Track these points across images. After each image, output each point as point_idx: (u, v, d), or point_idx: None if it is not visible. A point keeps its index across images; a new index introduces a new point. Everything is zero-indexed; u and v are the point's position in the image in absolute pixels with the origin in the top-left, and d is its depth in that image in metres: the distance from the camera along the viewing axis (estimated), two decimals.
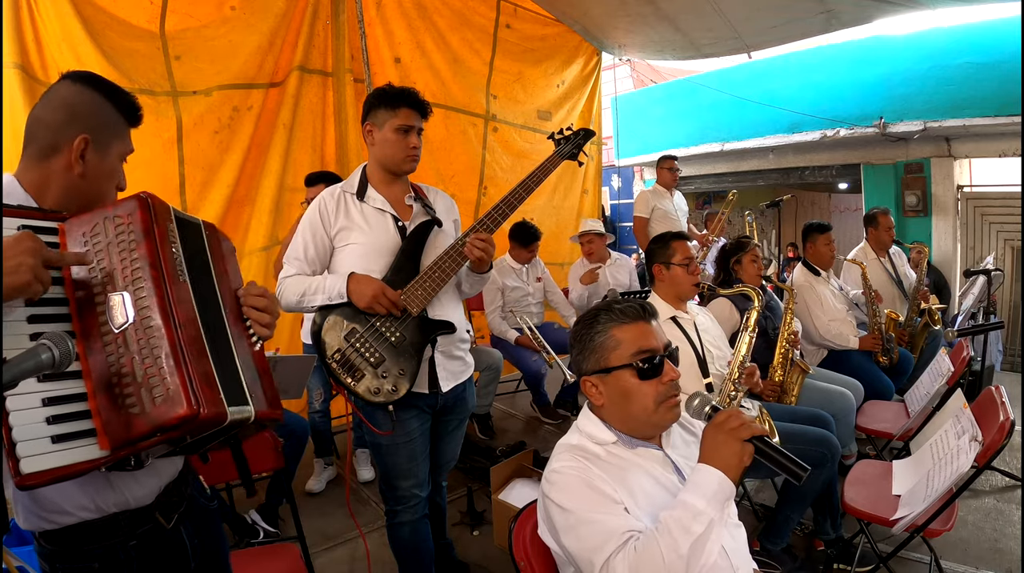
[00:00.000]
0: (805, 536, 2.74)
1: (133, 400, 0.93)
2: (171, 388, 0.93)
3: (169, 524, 1.19)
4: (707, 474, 1.20)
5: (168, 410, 0.92)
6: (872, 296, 3.85)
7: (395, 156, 2.01)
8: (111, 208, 1.04)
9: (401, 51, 4.38)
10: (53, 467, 0.87)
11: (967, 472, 1.92)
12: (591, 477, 1.27)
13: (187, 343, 0.98)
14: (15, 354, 0.80)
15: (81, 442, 0.91)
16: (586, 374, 1.41)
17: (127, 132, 1.20)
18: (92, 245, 1.02)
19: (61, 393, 0.92)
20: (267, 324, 1.23)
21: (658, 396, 1.34)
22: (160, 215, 1.05)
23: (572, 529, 1.23)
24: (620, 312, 1.39)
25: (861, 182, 7.32)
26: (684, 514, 1.16)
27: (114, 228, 1.02)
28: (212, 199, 3.52)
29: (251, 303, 1.22)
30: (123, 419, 0.92)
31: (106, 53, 3.09)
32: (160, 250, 1.02)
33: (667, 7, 4.77)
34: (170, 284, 1.01)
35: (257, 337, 1.22)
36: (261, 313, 1.22)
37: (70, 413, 0.92)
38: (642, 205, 5.24)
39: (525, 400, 4.69)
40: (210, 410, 0.95)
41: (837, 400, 3.00)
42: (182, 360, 0.95)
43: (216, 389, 0.99)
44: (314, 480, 3.39)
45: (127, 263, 1.00)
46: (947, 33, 6.18)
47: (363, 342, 1.91)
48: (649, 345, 1.36)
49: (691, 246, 2.68)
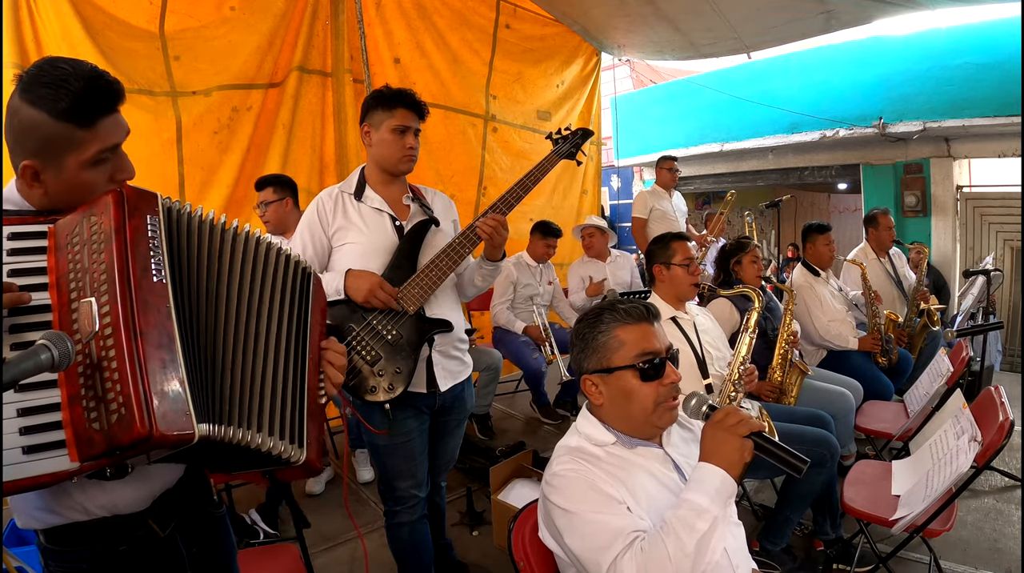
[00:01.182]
0: (805, 536, 2.74)
1: (95, 415, 0.88)
2: (123, 405, 0.86)
3: (164, 532, 1.15)
4: (709, 472, 1.21)
5: (121, 430, 0.86)
6: (871, 296, 3.85)
7: (392, 156, 2.01)
8: (90, 206, 0.98)
9: (400, 51, 4.38)
10: (22, 477, 0.85)
11: (966, 472, 1.92)
12: (592, 478, 1.27)
13: (147, 354, 0.90)
14: (14, 354, 0.79)
15: (51, 453, 0.87)
16: (587, 373, 1.41)
17: (87, 134, 1.01)
18: (72, 247, 0.97)
19: (36, 404, 0.89)
20: (337, 384, 1.25)
21: (658, 397, 1.34)
22: (138, 209, 0.98)
23: (576, 530, 1.23)
24: (624, 312, 1.40)
25: (860, 182, 7.33)
26: (689, 513, 1.17)
27: (88, 228, 0.96)
28: (211, 199, 3.52)
29: (331, 359, 1.25)
30: (87, 434, 0.88)
31: (105, 53, 3.08)
32: (129, 248, 0.94)
33: (667, 7, 4.77)
34: (135, 287, 0.92)
35: (324, 391, 1.22)
36: (335, 370, 1.25)
37: (43, 424, 0.88)
38: (640, 206, 5.25)
39: (524, 400, 4.69)
40: (166, 430, 0.87)
41: (836, 400, 3.00)
42: (138, 374, 0.87)
43: (182, 405, 0.91)
44: (313, 481, 3.39)
45: (97, 266, 0.94)
46: (947, 33, 6.19)
47: (359, 340, 1.91)
48: (652, 347, 1.36)
49: (690, 246, 2.68)
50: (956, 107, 6.08)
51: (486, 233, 1.97)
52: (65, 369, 0.84)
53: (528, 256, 4.41)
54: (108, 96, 1.03)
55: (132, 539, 1.11)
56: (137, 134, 1.25)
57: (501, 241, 2.02)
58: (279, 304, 1.18)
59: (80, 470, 0.89)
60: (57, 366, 0.81)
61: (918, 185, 6.77)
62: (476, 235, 1.99)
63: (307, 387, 1.16)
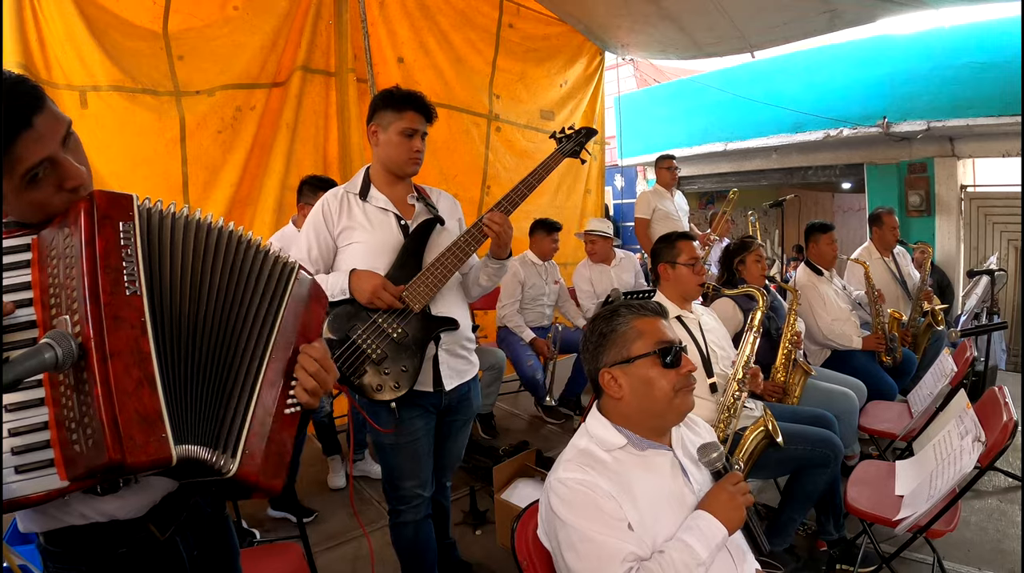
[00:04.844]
0: (808, 536, 2.73)
1: (76, 437, 0.86)
2: (96, 431, 0.84)
3: (164, 535, 1.13)
4: (715, 527, 1.29)
5: (95, 455, 0.84)
6: (875, 296, 3.84)
7: (398, 159, 2.02)
8: (63, 217, 0.94)
9: (404, 51, 4.38)
10: (15, 497, 0.84)
11: (970, 473, 1.92)
12: (596, 496, 1.27)
13: (119, 375, 0.86)
14: (18, 353, 0.79)
15: (42, 473, 0.86)
16: (606, 367, 1.42)
17: (16, 150, 0.89)
18: (51, 261, 0.92)
19: (25, 423, 0.86)
20: (312, 390, 1.11)
21: (677, 384, 1.37)
22: (110, 217, 0.93)
23: (574, 547, 1.26)
24: (640, 306, 1.45)
25: (865, 182, 7.31)
26: (689, 560, 1.23)
27: (63, 241, 0.92)
28: (215, 199, 3.53)
29: (304, 364, 1.12)
30: (70, 455, 0.86)
31: (109, 53, 3.10)
32: (99, 262, 0.89)
33: (670, 6, 4.76)
34: (106, 304, 0.88)
35: (296, 400, 1.10)
36: (308, 377, 1.11)
37: (32, 443, 0.86)
38: (643, 206, 5.25)
39: (528, 400, 4.68)
40: (138, 457, 0.84)
41: (840, 400, 2.99)
42: (110, 398, 0.84)
43: (158, 427, 0.88)
44: (333, 476, 3.41)
45: (70, 281, 0.89)
46: (951, 33, 6.16)
47: (365, 338, 1.90)
48: (668, 337, 1.40)
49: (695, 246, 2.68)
50: (960, 106, 6.05)
51: (494, 231, 1.97)
52: (67, 368, 0.84)
53: (533, 255, 4.41)
54: (18, 113, 0.89)
55: (132, 542, 1.10)
56: (141, 134, 1.25)
57: (508, 238, 2.02)
58: (257, 303, 1.11)
59: (69, 488, 0.87)
60: (60, 365, 0.80)
61: (922, 185, 6.75)
62: (482, 233, 1.99)
63: (257, 389, 1.05)
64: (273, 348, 1.09)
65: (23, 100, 0.91)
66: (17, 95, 0.91)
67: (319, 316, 1.23)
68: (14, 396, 0.87)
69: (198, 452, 0.93)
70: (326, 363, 1.14)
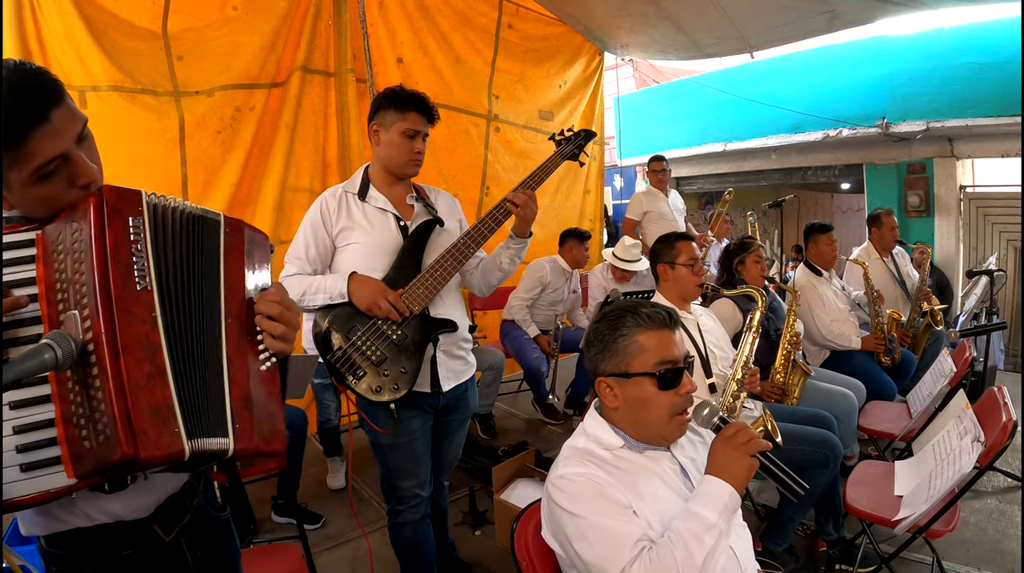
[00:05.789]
0: (807, 537, 2.74)
1: (86, 433, 0.85)
2: (108, 426, 0.83)
3: (168, 536, 1.13)
4: (719, 487, 1.23)
5: (107, 451, 0.83)
6: (874, 296, 3.85)
7: (399, 160, 2.02)
8: (71, 212, 0.93)
9: (403, 51, 4.38)
10: (21, 496, 0.83)
11: (969, 473, 1.92)
12: (600, 484, 1.27)
13: (131, 370, 0.85)
14: (18, 353, 0.79)
15: (49, 470, 0.85)
16: (603, 375, 1.39)
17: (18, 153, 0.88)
18: (57, 256, 0.91)
19: (31, 420, 0.86)
20: (281, 335, 1.06)
21: (673, 408, 1.33)
22: (119, 211, 0.92)
23: (584, 536, 1.23)
24: (647, 317, 1.37)
25: (864, 182, 7.32)
26: (698, 526, 1.19)
27: (70, 235, 0.91)
28: (214, 199, 3.53)
29: (263, 310, 1.06)
30: (78, 452, 0.85)
31: (108, 53, 3.10)
32: (109, 256, 0.88)
33: (670, 7, 4.76)
34: (117, 298, 0.87)
35: (269, 352, 1.06)
36: (274, 323, 1.06)
37: (39, 441, 0.86)
38: (635, 208, 5.28)
39: (527, 400, 4.68)
40: (152, 451, 0.83)
41: (839, 401, 2.99)
42: (122, 392, 0.83)
43: (170, 422, 0.87)
44: (332, 477, 3.42)
45: (78, 276, 0.88)
46: (950, 33, 6.17)
47: (364, 341, 1.91)
48: (671, 355, 1.35)
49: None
50: (959, 107, 6.06)
51: (518, 205, 1.98)
52: (67, 369, 0.83)
53: (563, 261, 4.44)
54: (35, 106, 0.88)
55: (136, 544, 1.09)
56: (140, 134, 1.24)
57: (532, 216, 2.03)
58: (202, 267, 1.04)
59: (77, 486, 0.87)
60: (60, 366, 0.80)
61: (921, 185, 6.76)
62: (504, 215, 2.01)
63: (224, 355, 1.00)
64: (226, 310, 1.03)
65: (41, 92, 0.89)
66: (35, 86, 0.89)
67: (261, 254, 1.15)
68: (18, 393, 0.86)
69: (208, 444, 0.93)
70: (286, 302, 1.09)
